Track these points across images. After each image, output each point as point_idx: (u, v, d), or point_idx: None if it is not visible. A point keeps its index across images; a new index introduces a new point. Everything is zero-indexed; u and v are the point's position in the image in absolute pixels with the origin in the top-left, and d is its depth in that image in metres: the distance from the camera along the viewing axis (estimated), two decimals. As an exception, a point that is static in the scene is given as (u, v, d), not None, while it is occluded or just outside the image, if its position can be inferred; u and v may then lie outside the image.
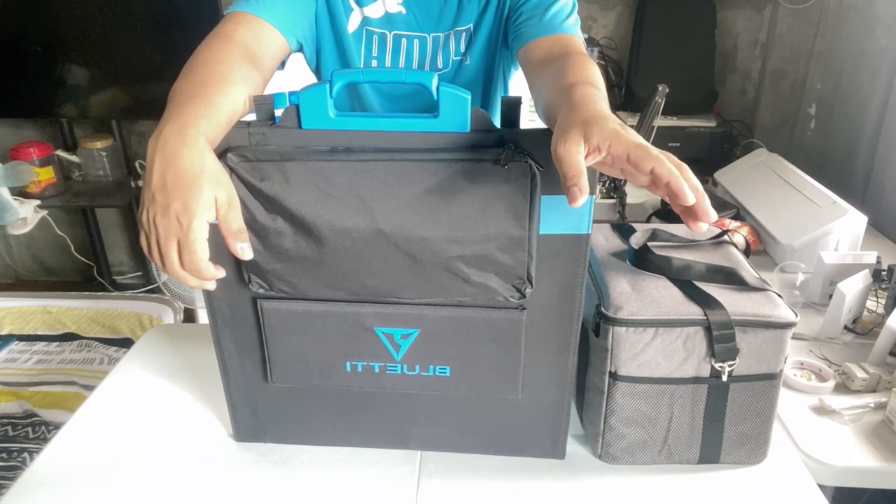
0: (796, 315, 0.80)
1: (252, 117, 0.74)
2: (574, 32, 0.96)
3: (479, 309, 0.78)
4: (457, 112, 0.71)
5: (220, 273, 0.67)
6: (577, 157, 0.59)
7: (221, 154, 0.69)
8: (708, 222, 0.60)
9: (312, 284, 0.76)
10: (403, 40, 1.06)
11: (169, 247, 0.63)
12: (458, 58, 1.07)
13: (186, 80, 0.73)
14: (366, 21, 1.04)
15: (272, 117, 0.74)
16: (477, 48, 1.07)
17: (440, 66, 1.07)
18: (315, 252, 0.73)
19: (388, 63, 1.07)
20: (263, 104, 0.74)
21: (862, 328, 1.24)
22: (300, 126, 0.72)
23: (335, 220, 0.71)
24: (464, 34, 1.06)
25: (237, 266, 0.77)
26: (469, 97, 0.70)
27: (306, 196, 0.70)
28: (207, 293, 0.80)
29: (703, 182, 2.07)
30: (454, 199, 0.70)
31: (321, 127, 0.72)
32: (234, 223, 0.67)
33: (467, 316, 0.78)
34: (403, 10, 1.04)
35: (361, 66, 1.06)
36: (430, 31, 1.06)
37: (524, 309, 0.78)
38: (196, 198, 0.62)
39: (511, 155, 0.68)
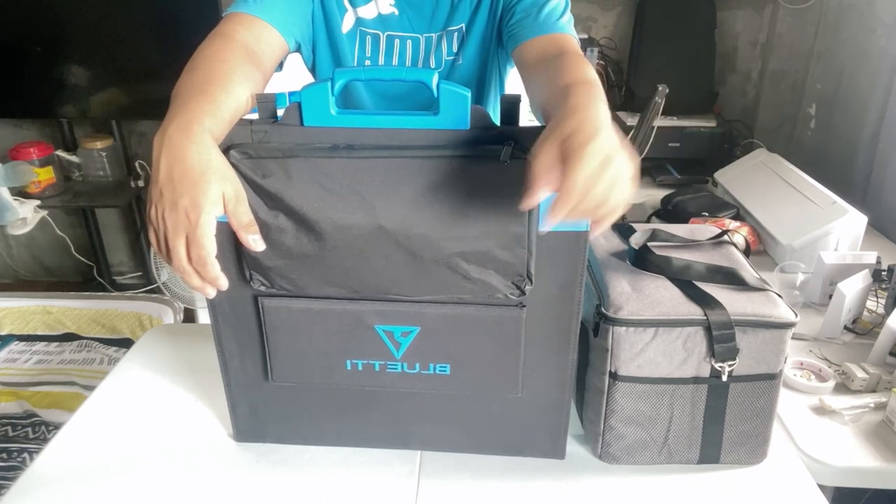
0: (796, 315, 0.80)
1: (254, 116, 0.74)
2: (568, 31, 0.96)
3: (479, 306, 0.78)
4: (457, 109, 0.71)
5: (223, 281, 0.67)
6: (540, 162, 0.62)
7: (224, 151, 0.70)
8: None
9: (313, 281, 0.76)
10: (396, 41, 1.06)
11: (177, 242, 0.64)
12: (451, 58, 1.08)
13: (190, 79, 0.73)
14: (359, 22, 1.05)
15: (274, 115, 0.74)
16: (470, 48, 1.07)
17: (433, 66, 1.08)
18: (316, 249, 0.73)
19: (381, 64, 1.07)
20: (266, 102, 0.74)
21: (862, 328, 1.24)
22: (302, 123, 0.73)
23: (336, 216, 0.71)
24: (456, 34, 1.06)
25: (239, 263, 0.77)
26: (469, 94, 0.71)
27: (308, 193, 0.70)
28: None
29: (703, 182, 2.08)
30: (454, 196, 0.70)
31: (323, 124, 0.73)
32: (244, 216, 0.68)
33: (467, 313, 0.78)
34: (396, 12, 1.05)
35: (355, 66, 1.06)
36: (423, 31, 1.06)
37: (524, 306, 0.78)
38: (204, 193, 0.63)
39: (511, 152, 0.69)
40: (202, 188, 0.63)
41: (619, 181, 0.60)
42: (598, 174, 0.59)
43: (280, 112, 0.74)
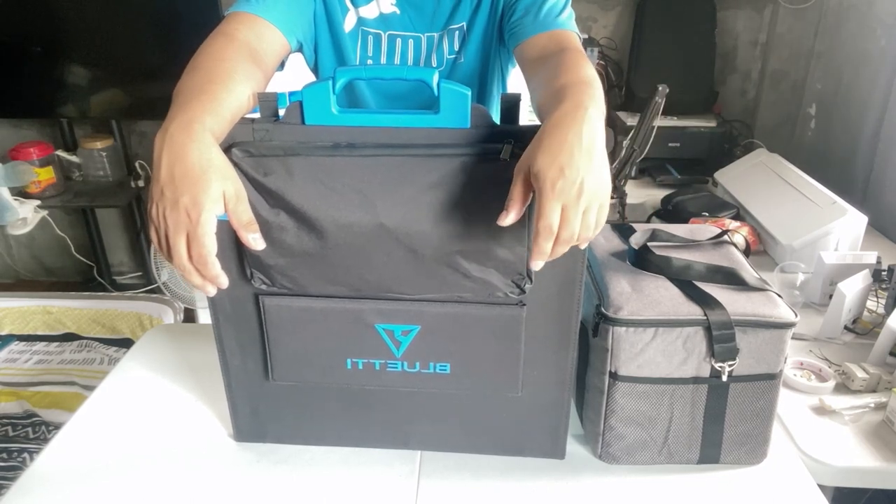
0: (796, 315, 0.80)
1: (255, 115, 0.75)
2: (569, 27, 0.96)
3: (479, 305, 0.78)
4: (457, 108, 0.71)
5: (224, 280, 0.68)
6: (517, 188, 0.66)
7: (226, 149, 0.70)
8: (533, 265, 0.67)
9: (314, 280, 0.76)
10: (398, 40, 1.06)
11: (178, 240, 0.64)
12: (452, 56, 1.08)
13: (191, 78, 0.74)
14: (361, 21, 1.05)
15: (276, 114, 0.74)
16: (471, 46, 1.07)
17: (434, 65, 1.08)
18: (317, 247, 0.73)
19: (382, 63, 1.07)
20: (267, 101, 0.75)
21: (862, 328, 1.24)
22: (303, 122, 0.73)
23: (337, 214, 0.71)
24: (457, 32, 1.06)
25: (240, 262, 0.77)
26: (469, 93, 0.71)
27: (309, 191, 0.71)
28: None
29: (703, 182, 2.08)
30: (455, 194, 0.70)
31: (324, 123, 0.73)
32: (244, 215, 0.69)
33: (468, 312, 0.78)
34: (397, 11, 1.05)
35: (356, 65, 1.06)
36: (424, 30, 1.06)
37: (524, 305, 0.78)
38: (205, 191, 0.63)
39: (511, 150, 0.69)
40: (203, 186, 0.63)
41: (592, 209, 0.64)
42: (570, 209, 0.62)
43: (281, 111, 0.74)
